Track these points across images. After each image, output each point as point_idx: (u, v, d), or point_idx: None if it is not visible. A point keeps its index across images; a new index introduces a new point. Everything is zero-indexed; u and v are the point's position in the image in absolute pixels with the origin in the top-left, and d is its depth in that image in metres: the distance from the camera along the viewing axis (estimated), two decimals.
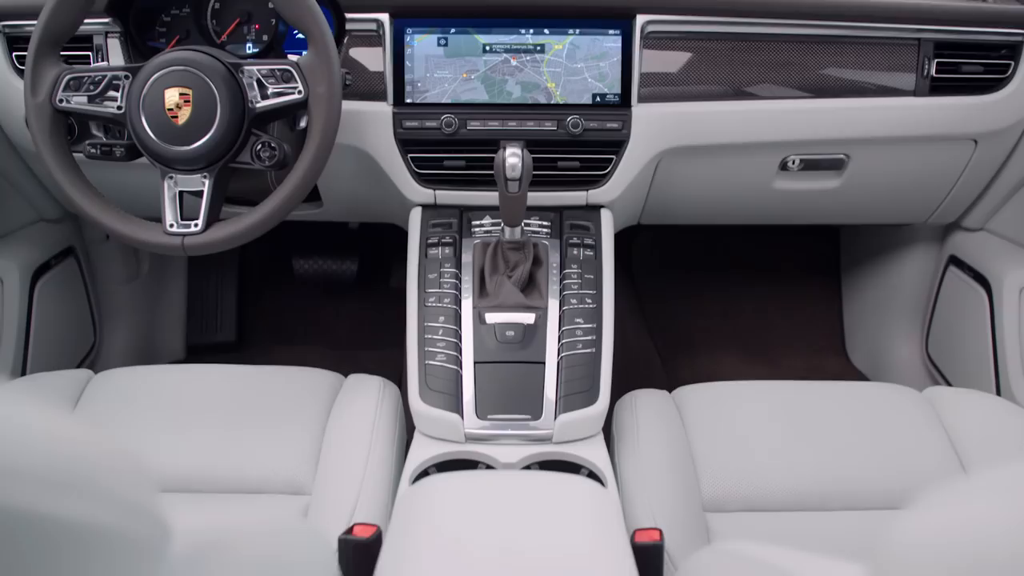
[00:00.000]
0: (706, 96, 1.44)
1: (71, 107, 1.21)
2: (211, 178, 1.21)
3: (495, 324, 1.31)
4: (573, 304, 1.34)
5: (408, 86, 1.41)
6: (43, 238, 1.80)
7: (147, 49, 1.46)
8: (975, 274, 1.77)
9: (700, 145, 1.47)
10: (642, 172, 1.46)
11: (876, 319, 2.15)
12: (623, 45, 1.40)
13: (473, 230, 1.44)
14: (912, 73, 1.46)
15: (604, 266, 1.40)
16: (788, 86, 1.45)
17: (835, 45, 1.45)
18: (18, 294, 1.68)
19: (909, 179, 1.62)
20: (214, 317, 2.27)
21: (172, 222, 1.21)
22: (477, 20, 1.40)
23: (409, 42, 1.40)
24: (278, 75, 1.19)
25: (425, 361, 1.30)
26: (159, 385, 1.34)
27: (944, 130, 1.50)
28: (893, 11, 1.44)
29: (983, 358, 1.69)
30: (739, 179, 1.58)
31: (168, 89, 1.18)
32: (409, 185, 1.45)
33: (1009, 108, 1.50)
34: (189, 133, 1.18)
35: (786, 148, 1.51)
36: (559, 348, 1.30)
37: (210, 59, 1.19)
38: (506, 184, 1.22)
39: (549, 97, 1.41)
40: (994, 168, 1.62)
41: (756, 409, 1.30)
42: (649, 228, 1.76)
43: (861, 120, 1.47)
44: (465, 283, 1.36)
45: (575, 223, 1.44)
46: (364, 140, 1.43)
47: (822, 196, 1.63)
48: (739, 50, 1.44)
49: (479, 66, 1.41)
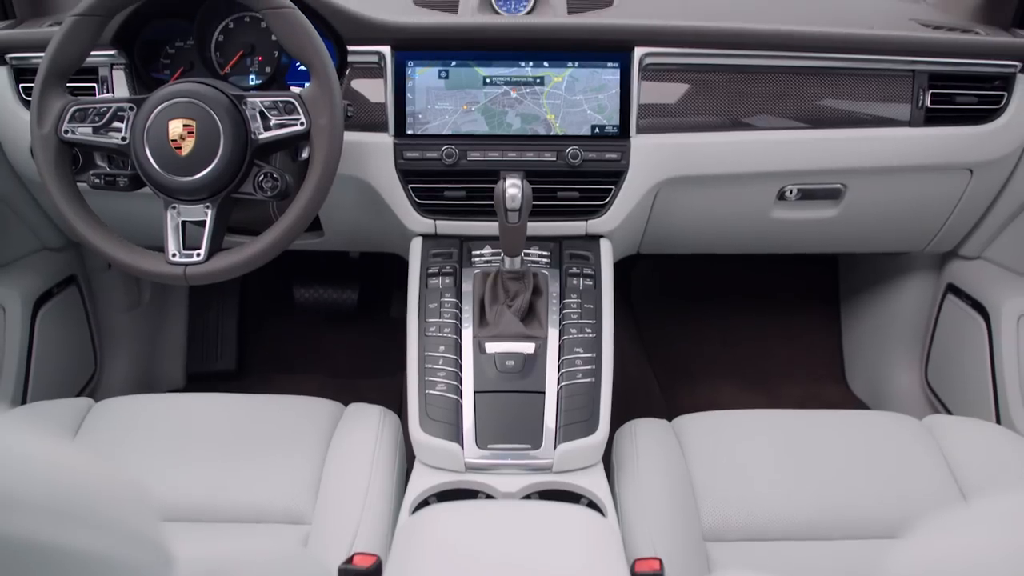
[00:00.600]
0: (704, 127, 1.45)
1: (76, 138, 1.22)
2: (214, 208, 1.22)
3: (495, 354, 1.31)
4: (573, 334, 1.34)
5: (409, 117, 1.43)
6: (45, 266, 1.81)
7: (151, 80, 1.48)
8: (973, 302, 1.77)
9: (698, 175, 1.48)
10: (641, 202, 1.47)
11: (875, 347, 2.15)
12: (621, 77, 1.42)
13: (473, 260, 1.44)
14: (907, 104, 1.48)
15: (603, 296, 1.40)
16: (785, 117, 1.47)
17: (831, 76, 1.47)
18: (20, 322, 1.68)
19: (906, 208, 1.63)
20: (214, 345, 2.27)
21: (174, 251, 1.22)
22: (477, 53, 1.42)
23: (410, 74, 1.42)
24: (281, 107, 1.20)
25: (425, 390, 1.30)
26: (159, 414, 1.34)
27: (940, 160, 1.52)
28: (887, 43, 1.46)
29: (982, 386, 1.70)
30: (737, 209, 1.59)
31: (172, 120, 1.19)
32: (410, 215, 1.46)
33: (1003, 138, 1.52)
34: (192, 164, 1.19)
35: (784, 178, 1.52)
36: (559, 377, 1.31)
37: (213, 91, 1.20)
38: (506, 214, 1.23)
39: (548, 128, 1.43)
40: (990, 197, 1.63)
41: (756, 438, 1.30)
42: (648, 256, 1.77)
43: (857, 150, 1.49)
44: (465, 313, 1.37)
45: (574, 253, 1.45)
46: (365, 171, 1.44)
47: (820, 225, 1.64)
48: (736, 82, 1.45)
49: (479, 98, 1.43)
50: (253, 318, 2.36)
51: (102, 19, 1.22)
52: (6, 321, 1.67)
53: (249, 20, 1.44)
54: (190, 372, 2.25)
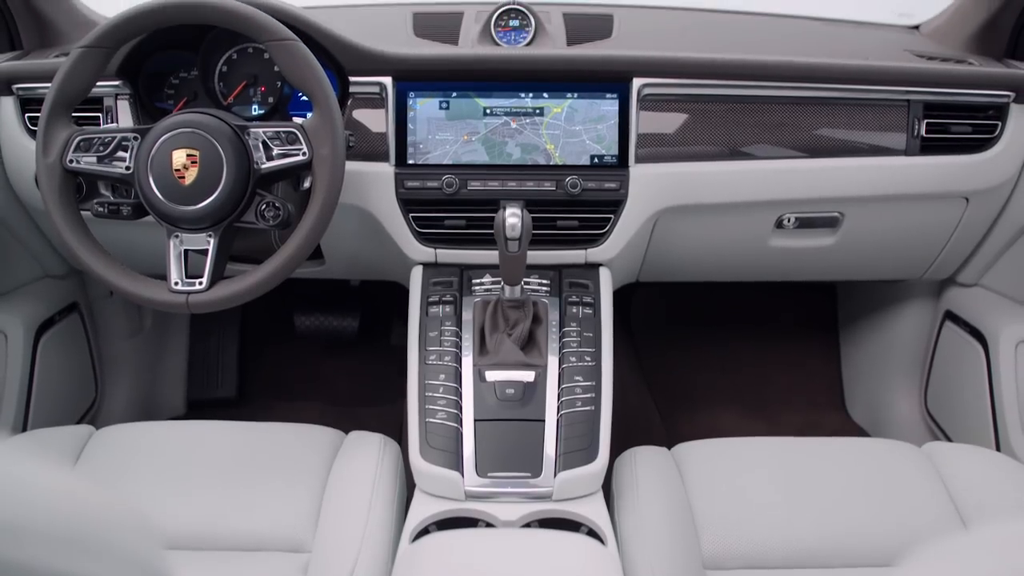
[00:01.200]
0: (702, 156, 1.47)
1: (81, 167, 1.23)
2: (216, 237, 1.22)
3: (495, 382, 1.32)
4: (572, 362, 1.35)
5: (410, 147, 1.44)
6: (48, 294, 1.82)
7: (155, 110, 1.49)
8: (971, 329, 1.78)
9: (697, 204, 1.49)
10: (640, 231, 1.49)
11: (875, 374, 2.15)
12: (620, 108, 1.43)
13: (473, 288, 1.45)
14: (903, 133, 1.50)
15: (603, 324, 1.41)
16: (782, 146, 1.48)
17: (827, 106, 1.48)
18: (21, 349, 1.69)
19: (903, 236, 1.65)
20: (215, 372, 2.27)
21: (177, 280, 1.23)
22: (478, 84, 1.44)
23: (412, 105, 1.44)
24: (283, 137, 1.22)
25: (426, 419, 1.30)
26: (160, 442, 1.34)
27: (935, 188, 1.53)
28: (882, 74, 1.48)
29: (982, 413, 1.70)
30: (736, 237, 1.60)
31: (176, 150, 1.20)
32: (410, 244, 1.47)
33: (998, 167, 1.53)
34: (195, 193, 1.20)
35: (781, 207, 1.53)
36: (558, 406, 1.31)
37: (217, 121, 1.21)
38: (506, 244, 1.24)
39: (548, 158, 1.44)
40: (986, 225, 1.65)
41: (755, 466, 1.31)
42: (648, 284, 1.77)
43: (854, 179, 1.50)
44: (465, 341, 1.37)
45: (574, 281, 1.46)
46: (366, 200, 1.46)
47: (818, 253, 1.65)
48: (734, 112, 1.47)
49: (480, 128, 1.44)
50: (254, 345, 2.37)
51: (108, 51, 1.24)
52: (8, 348, 1.67)
53: (252, 51, 1.46)
54: (191, 399, 2.25)
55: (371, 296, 2.33)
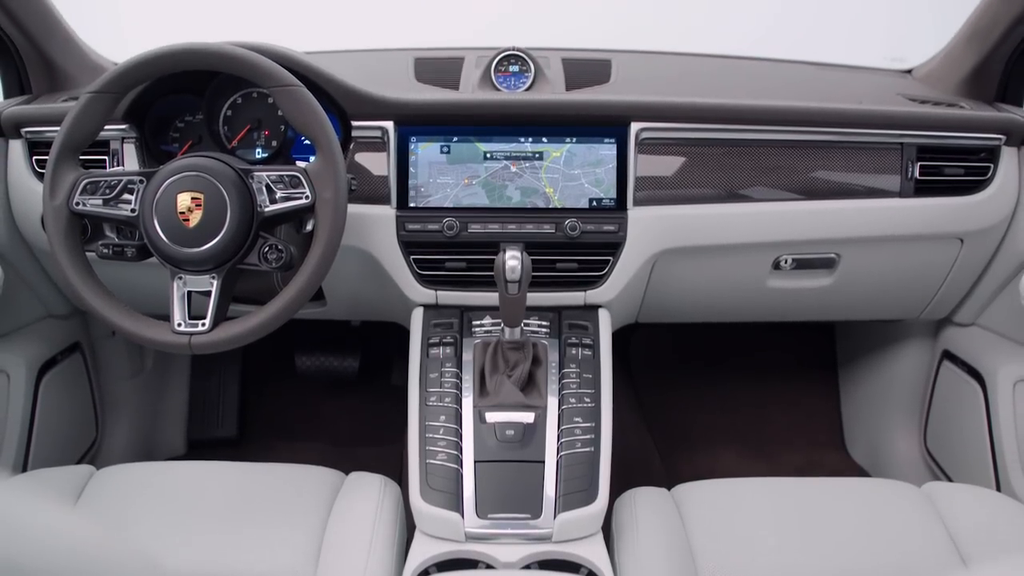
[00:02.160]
0: (700, 199, 1.48)
1: (87, 210, 1.24)
2: (219, 279, 1.23)
3: (495, 423, 1.32)
4: (572, 403, 1.36)
5: (411, 190, 1.46)
6: (51, 334, 1.83)
7: (160, 153, 1.51)
8: (969, 368, 1.79)
9: (695, 246, 1.51)
10: (639, 272, 1.50)
11: (874, 413, 2.15)
12: (618, 152, 1.45)
13: (474, 330, 1.46)
14: (897, 175, 1.52)
15: (602, 365, 1.42)
16: (779, 188, 1.50)
17: (823, 149, 1.51)
18: (23, 389, 1.69)
19: (899, 277, 1.66)
20: (216, 412, 2.27)
21: (180, 321, 1.23)
22: (478, 129, 1.46)
23: (413, 149, 1.46)
24: (286, 180, 1.23)
25: (426, 460, 1.31)
26: (160, 482, 1.34)
27: (930, 230, 1.55)
28: (876, 118, 1.50)
29: (981, 452, 1.70)
30: (733, 278, 1.61)
31: (181, 193, 1.22)
32: (411, 286, 1.49)
33: (991, 208, 1.55)
34: (199, 235, 1.21)
35: (778, 248, 1.55)
36: (558, 447, 1.31)
37: (221, 165, 1.23)
38: (506, 286, 1.26)
39: (547, 202, 1.46)
40: (981, 265, 1.66)
41: (755, 507, 1.30)
42: (647, 324, 1.78)
43: (850, 221, 1.52)
44: (466, 382, 1.38)
45: (573, 323, 1.47)
46: (368, 242, 1.47)
47: (815, 294, 1.66)
48: (731, 155, 1.49)
49: (480, 172, 1.46)
50: (255, 385, 2.37)
51: (116, 96, 1.26)
52: (10, 388, 1.68)
53: (256, 96, 1.48)
54: (191, 439, 2.25)
55: (372, 336, 2.34)
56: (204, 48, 1.23)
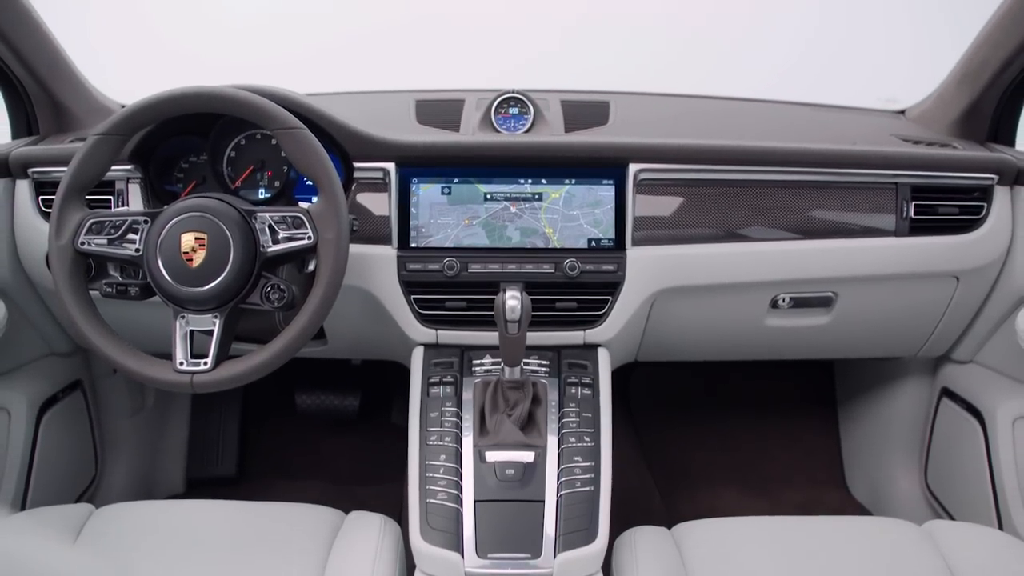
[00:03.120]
0: (698, 239, 1.50)
1: (92, 249, 1.25)
2: (222, 318, 1.24)
3: (495, 462, 1.32)
4: (572, 442, 1.36)
5: (413, 231, 1.48)
6: (52, 371, 1.83)
7: (165, 193, 1.53)
8: (968, 406, 1.79)
9: (693, 286, 1.52)
10: (637, 312, 1.51)
11: (874, 451, 2.15)
12: (616, 192, 1.47)
13: (474, 369, 1.47)
14: (892, 215, 1.54)
15: (602, 404, 1.42)
16: (776, 228, 1.52)
17: (818, 189, 1.53)
18: (24, 426, 1.69)
19: (896, 315, 1.67)
20: (215, 450, 2.27)
21: (182, 360, 1.24)
22: (479, 170, 1.48)
23: (414, 190, 1.48)
24: (289, 221, 1.24)
25: (426, 499, 1.30)
26: (159, 521, 1.34)
27: (926, 268, 1.56)
28: (870, 158, 1.52)
29: (982, 490, 1.69)
30: (732, 317, 1.62)
31: (184, 234, 1.23)
32: (412, 325, 1.50)
33: (986, 247, 1.57)
34: (203, 275, 1.22)
35: (776, 287, 1.56)
36: (558, 486, 1.31)
37: (225, 205, 1.25)
38: (506, 325, 1.27)
39: (547, 242, 1.48)
40: (977, 303, 1.67)
41: (756, 546, 1.30)
42: (647, 362, 1.79)
43: (847, 260, 1.53)
44: (466, 421, 1.38)
45: (573, 362, 1.48)
46: (369, 282, 1.48)
47: (813, 332, 1.67)
48: (728, 195, 1.51)
49: (480, 213, 1.48)
50: (255, 423, 2.36)
51: (123, 138, 1.27)
52: (11, 425, 1.68)
53: (260, 137, 1.50)
54: (190, 477, 2.24)
55: (372, 375, 2.34)
56: (209, 92, 1.25)
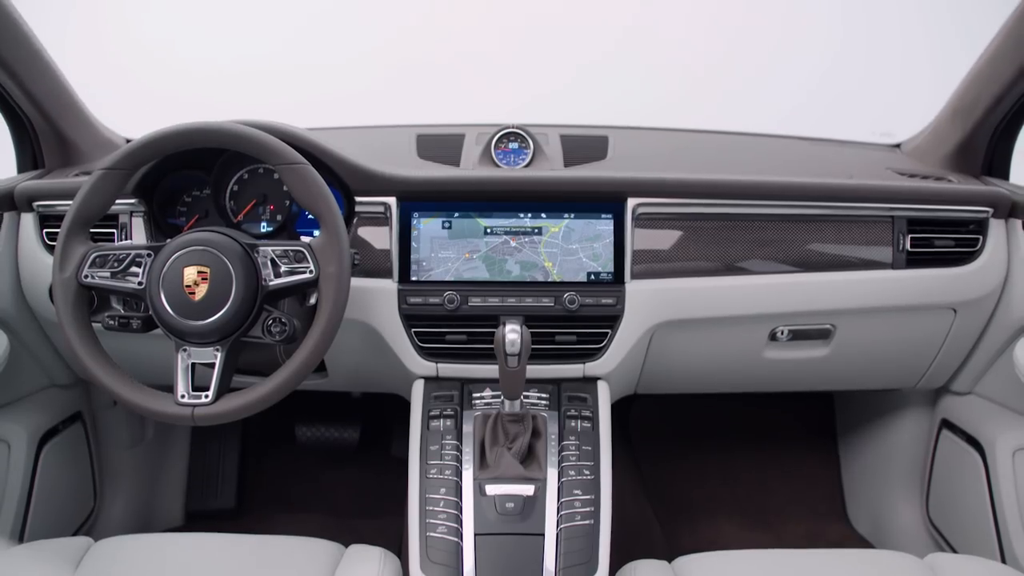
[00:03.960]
0: (696, 272, 1.51)
1: (95, 282, 1.26)
2: (223, 351, 1.25)
3: (495, 496, 1.32)
4: (571, 476, 1.36)
5: (413, 264, 1.49)
6: (52, 403, 1.83)
7: (168, 226, 1.54)
8: (968, 437, 1.79)
9: (692, 319, 1.53)
10: (637, 345, 1.52)
11: (875, 483, 2.14)
12: (615, 227, 1.49)
13: (474, 402, 1.47)
14: (889, 247, 1.55)
15: (601, 437, 1.42)
16: (774, 261, 1.53)
17: (815, 223, 1.54)
18: (24, 458, 1.69)
19: (895, 347, 1.68)
20: (215, 483, 2.26)
21: (183, 393, 1.24)
22: (479, 205, 1.50)
23: (415, 224, 1.49)
24: (291, 255, 1.25)
25: (426, 532, 1.30)
26: (157, 555, 1.33)
27: (923, 300, 1.57)
28: (866, 192, 1.54)
29: (983, 522, 1.69)
30: (731, 350, 1.63)
31: (187, 267, 1.24)
32: (412, 358, 1.50)
33: (982, 279, 1.58)
34: (205, 308, 1.23)
35: (775, 320, 1.57)
36: (558, 519, 1.31)
37: (228, 239, 1.26)
38: (506, 359, 1.27)
39: (546, 275, 1.49)
40: (975, 335, 1.68)
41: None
42: (646, 394, 1.79)
43: (844, 292, 1.54)
44: (466, 454, 1.39)
45: (573, 395, 1.48)
46: (370, 315, 1.49)
47: (812, 364, 1.68)
48: (726, 228, 1.52)
49: (480, 247, 1.49)
50: (254, 455, 2.36)
51: (128, 172, 1.29)
52: (11, 457, 1.68)
53: (263, 171, 1.52)
54: (189, 509, 2.23)
55: (372, 407, 2.33)
56: (214, 127, 1.26)
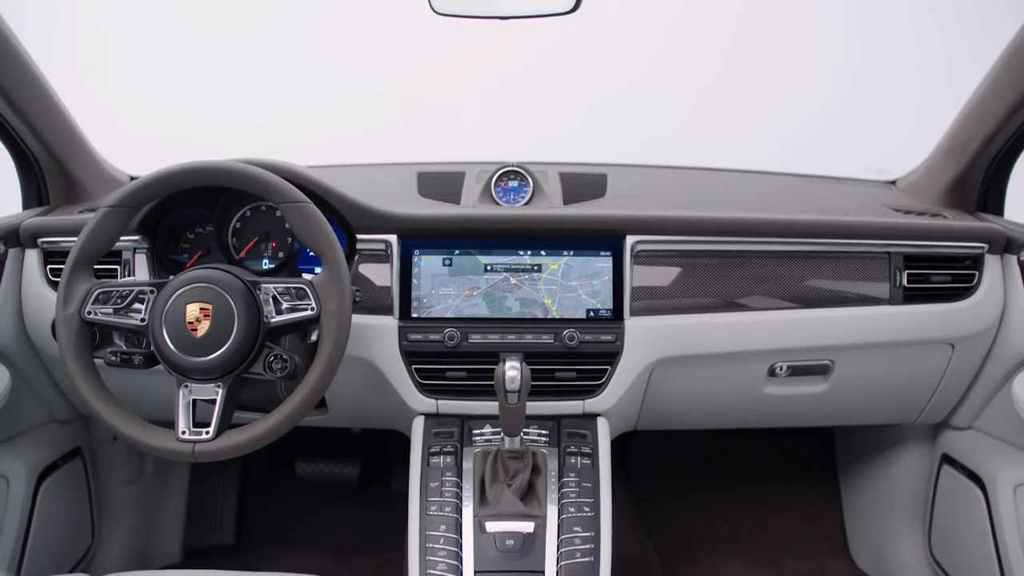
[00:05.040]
0: (695, 308, 1.52)
1: (98, 319, 1.27)
2: (224, 387, 1.25)
3: (495, 533, 1.32)
4: (571, 512, 1.36)
5: (414, 301, 1.50)
6: (52, 439, 1.83)
7: (170, 263, 1.55)
8: (969, 472, 1.78)
9: (691, 355, 1.53)
10: (636, 381, 1.52)
11: (877, 518, 2.13)
12: (614, 264, 1.50)
13: (474, 439, 1.47)
14: (886, 283, 1.56)
15: (601, 474, 1.42)
16: (772, 297, 1.54)
17: (812, 259, 1.55)
18: (23, 494, 1.68)
19: (893, 382, 1.68)
20: (213, 519, 2.25)
21: (184, 429, 1.25)
22: (479, 242, 1.51)
23: (416, 261, 1.50)
24: (293, 292, 1.26)
25: (426, 569, 1.30)
26: None
27: (921, 336, 1.58)
28: (862, 228, 1.55)
29: (986, 558, 1.68)
30: (730, 386, 1.63)
31: (190, 304, 1.25)
32: (412, 395, 1.51)
33: (979, 314, 1.59)
34: (207, 345, 1.23)
35: (773, 356, 1.58)
36: (558, 557, 1.31)
37: (230, 276, 1.27)
38: (506, 395, 1.28)
39: (546, 312, 1.50)
40: (974, 369, 1.68)
41: None
42: (646, 430, 1.79)
43: (842, 328, 1.55)
44: (466, 491, 1.38)
45: (572, 431, 1.48)
46: (370, 352, 1.50)
47: (811, 400, 1.68)
48: (724, 265, 1.53)
49: (481, 284, 1.50)
50: (253, 491, 2.35)
51: (132, 210, 1.30)
52: (9, 493, 1.67)
53: (265, 209, 1.53)
54: (187, 546, 2.22)
55: (372, 444, 2.33)
56: (218, 166, 1.28)
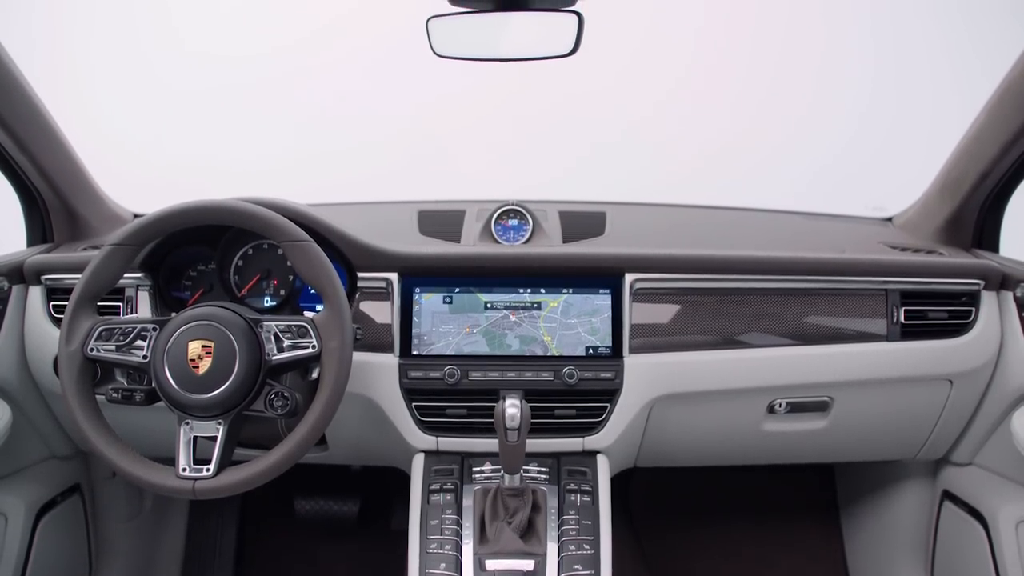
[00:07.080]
0: (694, 346, 1.53)
1: (100, 356, 1.27)
2: (225, 424, 1.25)
3: (495, 571, 1.31)
4: (571, 550, 1.35)
5: (415, 339, 1.51)
6: (51, 475, 1.82)
7: (172, 300, 1.56)
8: (970, 509, 1.78)
9: (691, 392, 1.54)
10: (636, 418, 1.52)
11: (879, 555, 2.12)
12: (613, 301, 1.51)
13: (474, 476, 1.47)
14: (883, 320, 1.57)
15: (601, 512, 1.42)
16: (771, 334, 1.55)
17: (810, 296, 1.57)
18: (20, 532, 1.68)
19: (893, 418, 1.68)
20: (212, 556, 2.23)
21: (185, 466, 1.24)
22: (479, 280, 1.52)
23: (417, 299, 1.51)
24: (294, 330, 1.27)
25: None
26: None
27: (919, 372, 1.59)
28: (859, 266, 1.57)
29: None
30: (729, 423, 1.63)
31: (192, 341, 1.25)
32: (413, 432, 1.51)
33: (977, 350, 1.60)
34: (208, 382, 1.24)
35: (772, 392, 1.58)
36: None
37: (232, 314, 1.27)
38: (506, 433, 1.28)
39: (546, 350, 1.51)
40: (972, 405, 1.69)
41: None
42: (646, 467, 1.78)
43: (841, 365, 1.56)
44: (466, 529, 1.38)
45: (572, 469, 1.48)
46: (371, 389, 1.50)
47: (810, 436, 1.68)
48: (723, 302, 1.55)
49: (481, 321, 1.51)
50: (252, 528, 2.33)
51: (136, 248, 1.31)
52: (7, 530, 1.66)
53: (267, 247, 1.54)
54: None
55: (372, 481, 2.32)
56: (221, 205, 1.30)
